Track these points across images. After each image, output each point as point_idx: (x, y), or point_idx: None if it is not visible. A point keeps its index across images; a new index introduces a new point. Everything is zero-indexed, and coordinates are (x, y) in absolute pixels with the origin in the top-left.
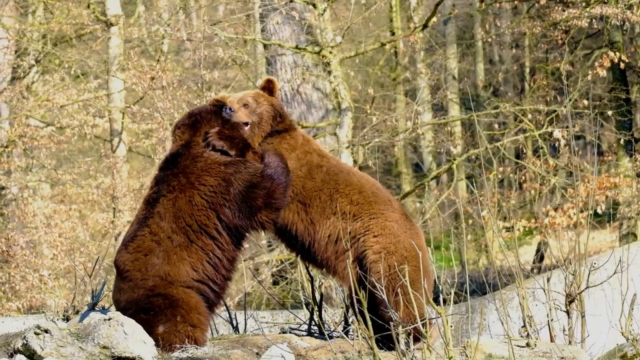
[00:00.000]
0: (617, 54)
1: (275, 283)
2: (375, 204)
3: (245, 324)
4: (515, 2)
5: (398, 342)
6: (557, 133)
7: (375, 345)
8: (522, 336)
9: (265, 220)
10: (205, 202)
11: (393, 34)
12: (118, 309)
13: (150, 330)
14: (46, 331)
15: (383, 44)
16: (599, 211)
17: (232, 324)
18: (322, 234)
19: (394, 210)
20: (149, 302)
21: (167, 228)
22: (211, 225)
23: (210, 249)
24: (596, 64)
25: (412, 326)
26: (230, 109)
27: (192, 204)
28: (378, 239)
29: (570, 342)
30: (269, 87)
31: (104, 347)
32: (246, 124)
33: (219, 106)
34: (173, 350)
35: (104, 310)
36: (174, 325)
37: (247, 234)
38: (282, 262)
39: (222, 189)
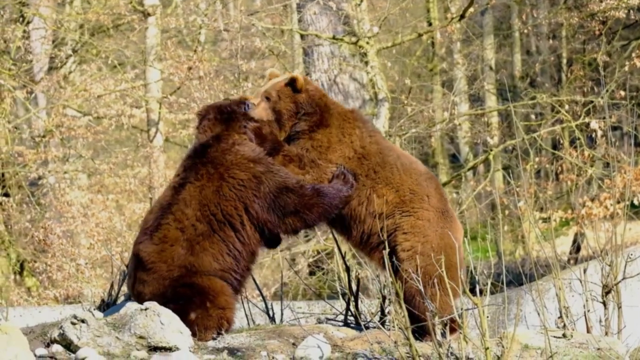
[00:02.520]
0: None
1: (311, 273)
2: (410, 202)
3: (282, 315)
4: None
5: (434, 333)
6: (594, 124)
7: (411, 336)
8: (558, 327)
9: (295, 227)
10: (233, 194)
11: (430, 24)
12: (141, 301)
13: (182, 318)
14: (83, 321)
15: (420, 35)
16: (636, 202)
17: (268, 315)
18: (357, 231)
19: (428, 207)
20: (175, 293)
21: (191, 215)
22: (236, 216)
23: (231, 240)
24: (633, 54)
25: (446, 317)
26: (248, 105)
27: (219, 194)
28: (407, 236)
29: (606, 333)
30: (292, 85)
31: (141, 337)
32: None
33: (241, 107)
34: (208, 335)
35: None
36: (205, 311)
37: (275, 232)
38: (318, 253)
39: (252, 184)
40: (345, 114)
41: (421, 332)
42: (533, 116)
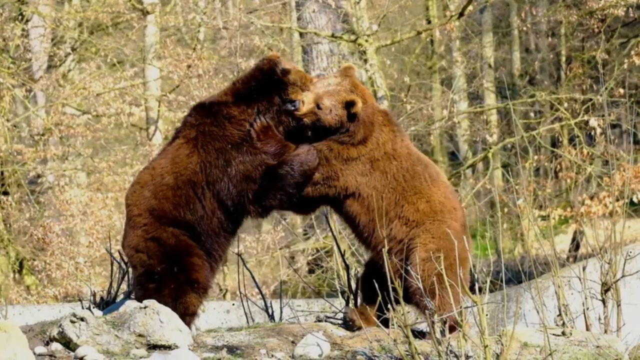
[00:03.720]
0: None
1: (311, 271)
2: (440, 212)
3: (281, 313)
4: None
5: (434, 330)
6: (593, 122)
7: (410, 334)
8: (557, 325)
9: (255, 211)
10: (199, 166)
11: (429, 22)
12: (125, 255)
13: (160, 299)
14: (82, 319)
15: (419, 33)
16: (635, 200)
17: (267, 313)
18: (381, 234)
19: (455, 219)
20: (146, 247)
21: (164, 165)
22: (198, 185)
23: (192, 202)
24: (632, 52)
25: (447, 314)
26: (295, 105)
27: (188, 159)
28: (434, 240)
29: (606, 331)
30: (347, 104)
31: (140, 335)
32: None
33: (285, 99)
34: (189, 305)
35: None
36: (173, 279)
37: (239, 215)
38: (317, 251)
39: (220, 164)
40: (380, 120)
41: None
42: (532, 114)
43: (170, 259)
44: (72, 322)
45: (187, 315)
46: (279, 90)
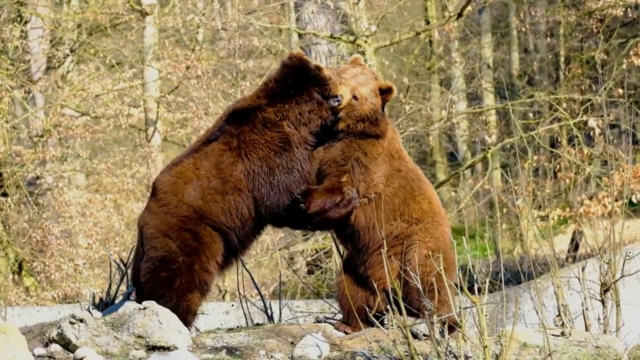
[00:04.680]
0: None
1: (310, 272)
2: (439, 214)
3: (280, 313)
4: None
5: (432, 331)
6: (592, 122)
7: (410, 335)
8: (556, 325)
9: (288, 225)
10: (244, 173)
11: (428, 22)
12: (140, 231)
13: (167, 292)
14: (81, 320)
15: (418, 33)
16: (634, 200)
17: (267, 314)
18: (383, 231)
19: (446, 224)
20: (179, 237)
21: (208, 168)
22: (245, 190)
23: (239, 206)
24: (631, 52)
25: (446, 315)
26: (339, 100)
27: (233, 166)
28: (432, 239)
29: (605, 331)
30: (384, 94)
31: (139, 337)
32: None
33: (327, 95)
34: (192, 300)
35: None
36: (190, 275)
37: (271, 223)
38: (317, 252)
39: (264, 172)
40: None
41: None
42: (531, 114)
43: (195, 254)
44: (72, 323)
45: (189, 314)
46: (316, 85)
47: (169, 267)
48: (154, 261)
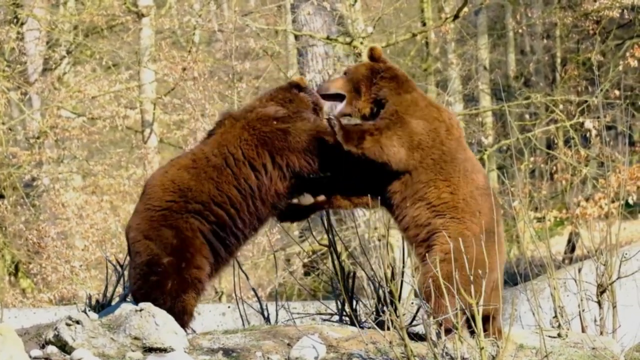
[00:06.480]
0: None
1: (306, 274)
2: (462, 211)
3: (277, 315)
4: None
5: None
6: (589, 123)
7: (406, 336)
8: (553, 327)
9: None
10: (255, 142)
11: (424, 24)
12: (127, 236)
13: (160, 295)
14: (78, 322)
15: (414, 35)
16: (630, 201)
17: (263, 315)
18: (410, 214)
19: (478, 223)
20: (158, 236)
21: (207, 150)
22: (258, 160)
23: (244, 177)
24: (627, 54)
25: (443, 317)
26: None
27: (241, 139)
28: (451, 240)
29: (601, 333)
30: (370, 54)
31: (136, 338)
32: (341, 96)
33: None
34: (187, 300)
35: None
36: (179, 274)
37: (311, 176)
38: (313, 253)
39: (278, 136)
40: (428, 97)
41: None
42: (527, 116)
43: (179, 252)
44: (68, 325)
45: (186, 314)
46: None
47: (156, 270)
48: (141, 267)
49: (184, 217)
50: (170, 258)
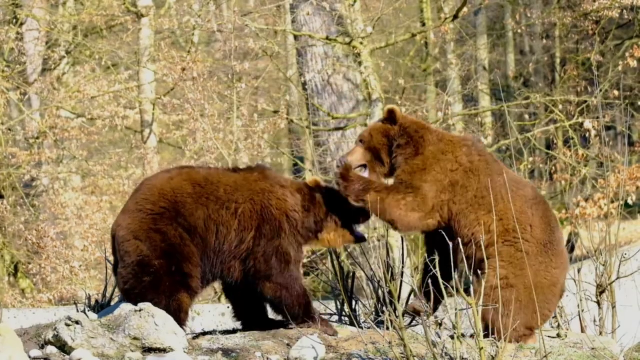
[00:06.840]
0: None
1: (306, 274)
2: (513, 231)
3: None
4: None
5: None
6: (588, 124)
7: (405, 336)
8: (553, 327)
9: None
10: (255, 215)
11: (424, 24)
12: (113, 236)
13: (155, 295)
14: (77, 322)
15: (414, 35)
16: (630, 202)
17: None
18: (464, 253)
19: (530, 238)
20: (148, 238)
21: (222, 181)
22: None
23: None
24: (627, 54)
25: (442, 318)
26: (341, 160)
27: (251, 200)
28: (504, 264)
29: (601, 333)
30: (388, 117)
31: (135, 339)
32: (363, 166)
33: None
34: (182, 301)
35: None
36: (170, 278)
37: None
38: (313, 254)
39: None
40: (448, 138)
41: None
42: (527, 116)
43: (169, 256)
44: (67, 325)
45: (182, 313)
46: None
47: (149, 271)
48: (132, 267)
49: (174, 226)
50: (160, 260)
